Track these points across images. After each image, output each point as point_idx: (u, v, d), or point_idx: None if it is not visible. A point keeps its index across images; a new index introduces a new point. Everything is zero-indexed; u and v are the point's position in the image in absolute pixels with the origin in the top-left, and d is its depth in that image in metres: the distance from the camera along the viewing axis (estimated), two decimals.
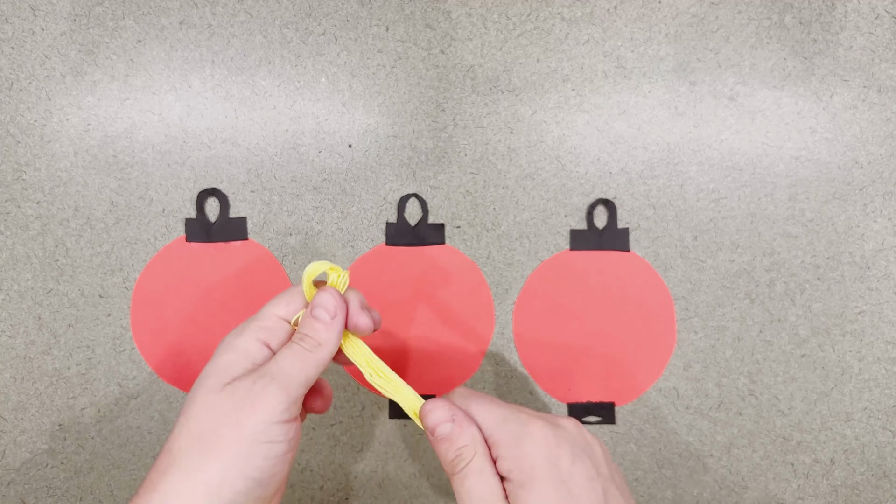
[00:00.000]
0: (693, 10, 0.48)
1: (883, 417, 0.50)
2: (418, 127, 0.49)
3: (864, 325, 0.49)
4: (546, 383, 0.49)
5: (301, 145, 0.48)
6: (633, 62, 0.49)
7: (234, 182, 0.48)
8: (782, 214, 0.49)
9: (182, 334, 0.48)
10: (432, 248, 0.49)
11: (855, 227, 0.49)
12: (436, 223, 0.49)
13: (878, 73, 0.49)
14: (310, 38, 0.48)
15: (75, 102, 0.47)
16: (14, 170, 0.48)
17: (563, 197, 0.49)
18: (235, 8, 0.47)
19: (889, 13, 0.48)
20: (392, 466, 0.50)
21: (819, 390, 0.50)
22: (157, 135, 0.48)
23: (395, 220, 0.49)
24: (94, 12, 0.47)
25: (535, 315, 0.49)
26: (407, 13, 0.48)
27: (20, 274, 0.48)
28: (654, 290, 0.49)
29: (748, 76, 0.49)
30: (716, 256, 0.49)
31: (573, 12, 0.48)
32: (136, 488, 0.34)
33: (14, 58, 0.47)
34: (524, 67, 0.48)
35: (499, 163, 0.49)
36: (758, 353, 0.50)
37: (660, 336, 0.50)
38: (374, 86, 0.48)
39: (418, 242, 0.49)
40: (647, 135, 0.49)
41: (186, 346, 0.48)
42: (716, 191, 0.49)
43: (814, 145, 0.49)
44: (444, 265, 0.49)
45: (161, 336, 0.48)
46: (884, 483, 0.50)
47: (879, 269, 0.49)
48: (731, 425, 0.50)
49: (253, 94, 0.48)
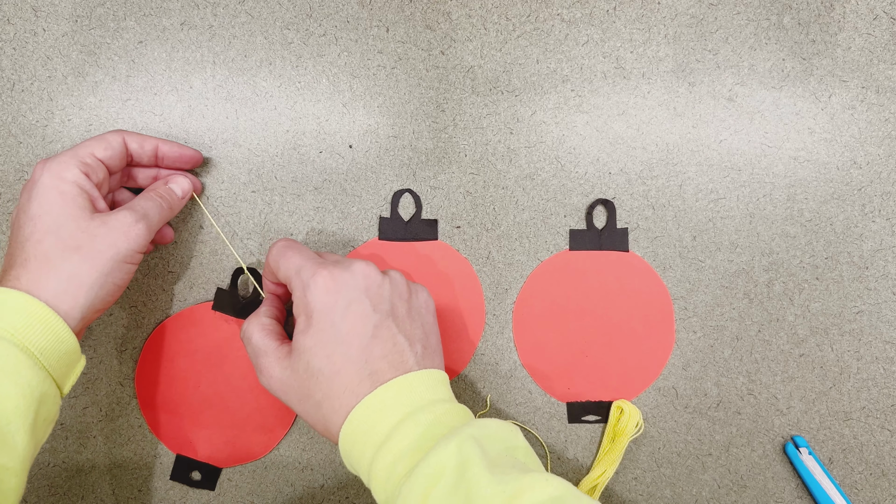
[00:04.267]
0: (692, 11, 0.49)
1: (881, 417, 0.50)
2: (418, 127, 0.49)
3: (863, 324, 0.50)
4: (545, 382, 0.50)
5: (302, 146, 0.49)
6: (633, 63, 0.49)
7: (235, 182, 0.48)
8: (781, 214, 0.49)
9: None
10: (425, 243, 0.49)
11: (853, 227, 0.49)
12: (429, 219, 0.49)
13: (877, 74, 0.49)
14: (310, 40, 0.48)
15: (77, 103, 0.48)
16: (16, 170, 0.48)
17: (563, 197, 0.49)
18: (236, 9, 0.48)
19: (887, 14, 0.49)
20: None
21: (817, 390, 0.50)
22: (159, 135, 0.48)
23: (388, 215, 0.49)
24: (95, 13, 0.47)
25: (534, 315, 0.50)
26: (407, 14, 0.48)
27: None
28: (652, 290, 0.50)
29: (747, 77, 0.49)
30: (714, 256, 0.50)
31: (573, 13, 0.48)
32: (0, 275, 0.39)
33: (16, 59, 0.47)
34: (524, 68, 0.49)
35: (498, 163, 0.49)
36: (756, 353, 0.50)
37: (659, 335, 0.50)
38: (374, 86, 0.49)
39: (411, 238, 0.49)
40: (647, 135, 0.49)
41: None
42: (714, 191, 0.49)
43: (812, 146, 0.49)
44: (436, 261, 0.49)
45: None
46: (882, 482, 0.50)
47: (878, 269, 0.49)
48: (729, 424, 0.50)
49: (254, 95, 0.48)
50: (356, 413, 0.37)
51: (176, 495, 0.49)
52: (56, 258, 0.38)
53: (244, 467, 0.49)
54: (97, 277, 0.39)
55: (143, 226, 0.41)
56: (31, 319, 0.36)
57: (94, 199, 0.41)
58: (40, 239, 0.38)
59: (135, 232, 0.40)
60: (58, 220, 0.39)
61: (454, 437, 0.35)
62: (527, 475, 0.33)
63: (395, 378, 0.37)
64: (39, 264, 0.38)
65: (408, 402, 0.37)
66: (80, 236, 0.39)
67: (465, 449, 0.34)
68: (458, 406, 0.39)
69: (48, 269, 0.38)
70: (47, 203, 0.39)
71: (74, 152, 0.41)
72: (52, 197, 0.39)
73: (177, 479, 0.49)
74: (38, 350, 0.36)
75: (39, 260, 0.38)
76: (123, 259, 0.40)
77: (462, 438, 0.35)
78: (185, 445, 0.49)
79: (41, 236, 0.38)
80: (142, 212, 0.41)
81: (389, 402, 0.37)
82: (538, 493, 0.33)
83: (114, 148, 0.42)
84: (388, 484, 0.36)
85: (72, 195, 0.39)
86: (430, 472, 0.34)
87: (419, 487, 0.34)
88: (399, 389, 0.37)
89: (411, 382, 0.38)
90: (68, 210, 0.39)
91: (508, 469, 0.34)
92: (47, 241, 0.38)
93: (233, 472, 0.49)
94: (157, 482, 0.49)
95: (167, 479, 0.49)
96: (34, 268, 0.38)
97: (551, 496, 0.33)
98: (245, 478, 0.49)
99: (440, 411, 0.37)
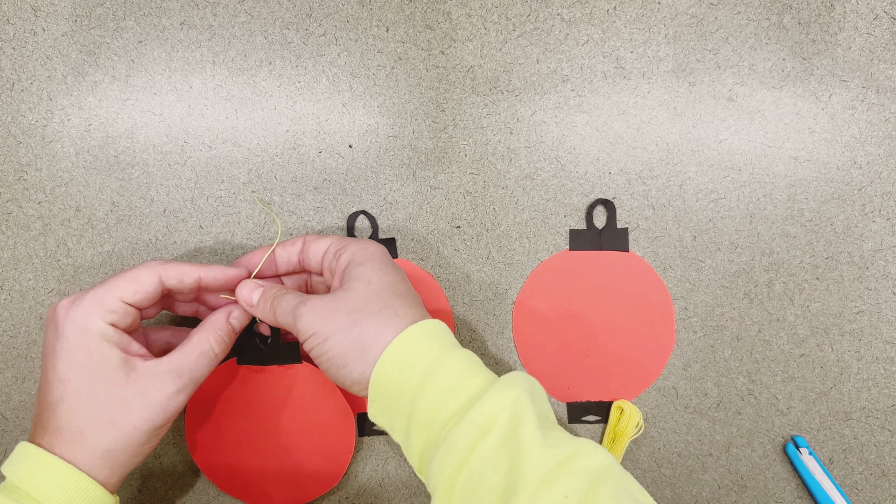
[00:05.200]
0: (692, 10, 0.49)
1: (881, 417, 0.50)
2: (418, 127, 0.49)
3: (863, 324, 0.50)
4: (545, 382, 0.50)
5: (301, 146, 0.48)
6: (633, 63, 0.49)
7: (235, 182, 0.48)
8: (781, 214, 0.49)
9: None
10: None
11: (853, 227, 0.49)
12: (388, 237, 0.49)
13: (877, 74, 0.49)
14: (310, 39, 0.48)
15: (76, 103, 0.48)
16: (16, 170, 0.48)
17: (563, 197, 0.49)
18: (236, 9, 0.48)
19: (887, 14, 0.49)
20: (392, 466, 0.50)
21: (818, 390, 0.50)
22: (158, 135, 0.48)
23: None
24: (95, 13, 0.47)
25: (534, 315, 0.50)
26: (407, 14, 0.48)
27: (21, 274, 0.48)
28: (653, 290, 0.50)
29: (747, 77, 0.49)
30: (715, 256, 0.50)
31: (573, 13, 0.48)
32: (33, 430, 0.38)
33: (15, 58, 0.47)
34: (524, 68, 0.49)
35: (499, 163, 0.49)
36: (757, 353, 0.50)
37: (659, 336, 0.50)
38: (374, 86, 0.48)
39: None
40: (647, 135, 0.49)
41: None
42: (715, 191, 0.49)
43: (812, 146, 0.49)
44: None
45: None
46: (882, 482, 0.50)
47: (878, 269, 0.49)
48: (729, 425, 0.50)
49: (253, 95, 0.48)
50: (391, 351, 0.36)
51: None
52: (90, 434, 0.36)
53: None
54: (134, 449, 0.37)
55: (183, 397, 0.38)
56: (74, 495, 0.35)
57: (126, 345, 0.38)
58: (71, 409, 0.36)
59: (174, 404, 0.37)
60: (89, 384, 0.36)
61: (511, 388, 0.34)
62: (576, 440, 0.33)
63: (424, 320, 0.38)
64: (73, 437, 0.36)
65: (440, 341, 0.37)
66: (115, 408, 0.36)
67: (520, 403, 0.34)
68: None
69: (83, 444, 0.36)
70: (76, 365, 0.36)
71: (100, 298, 0.37)
72: (80, 357, 0.36)
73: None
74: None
75: (73, 433, 0.36)
76: (161, 428, 0.38)
77: (519, 391, 0.34)
78: (258, 498, 0.48)
79: (72, 406, 0.36)
80: (189, 375, 0.38)
81: (423, 340, 0.37)
82: (588, 461, 0.32)
83: (145, 290, 0.38)
84: (433, 426, 0.35)
85: (100, 355, 0.36)
86: (481, 423, 0.33)
87: (468, 437, 0.33)
88: (430, 329, 0.37)
89: (438, 325, 0.38)
90: (99, 374, 0.36)
91: (553, 429, 0.34)
92: (80, 414, 0.36)
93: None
94: None
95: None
96: (68, 440, 0.36)
97: (601, 465, 0.33)
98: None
99: (469, 351, 0.38)
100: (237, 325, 0.42)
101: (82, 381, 0.36)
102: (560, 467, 0.32)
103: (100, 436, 0.36)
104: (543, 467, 0.32)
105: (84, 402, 0.36)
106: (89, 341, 0.36)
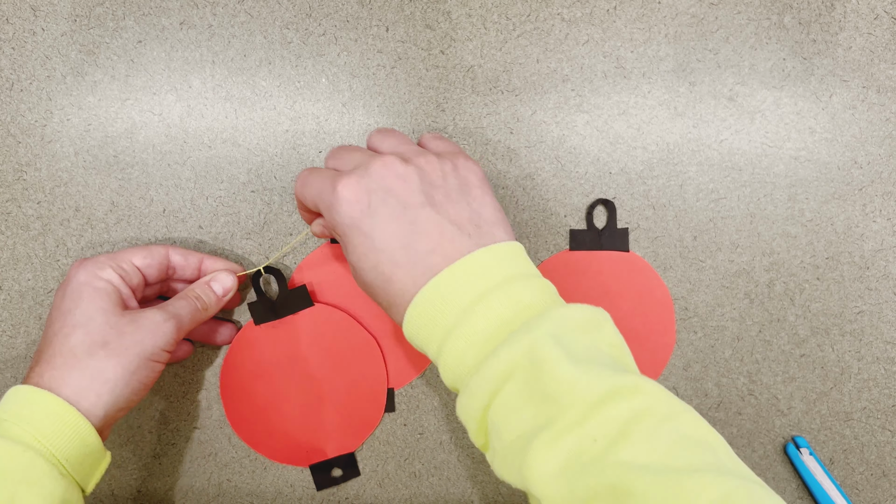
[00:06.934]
0: (692, 10, 0.48)
1: (882, 417, 0.50)
2: (418, 127, 0.49)
3: (864, 324, 0.50)
4: None
5: (301, 146, 0.48)
6: (633, 62, 0.49)
7: (235, 182, 0.48)
8: (781, 214, 0.49)
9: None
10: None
11: (854, 228, 0.49)
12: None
13: (878, 74, 0.49)
14: (310, 39, 0.48)
15: (76, 103, 0.48)
16: (15, 170, 0.48)
17: (563, 197, 0.49)
18: (236, 9, 0.47)
19: (888, 13, 0.48)
20: (392, 466, 0.50)
21: (818, 390, 0.50)
22: (158, 135, 0.48)
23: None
24: (94, 13, 0.47)
25: None
26: (407, 14, 0.48)
27: (21, 274, 0.48)
28: (653, 290, 0.49)
29: (747, 76, 0.49)
30: (715, 256, 0.49)
31: (573, 13, 0.48)
32: (27, 372, 0.39)
33: (15, 58, 0.47)
34: (524, 68, 0.49)
35: (499, 163, 0.49)
36: (757, 353, 0.50)
37: (659, 336, 0.50)
38: (374, 86, 0.48)
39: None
40: (647, 135, 0.49)
41: None
42: (715, 191, 0.49)
43: (813, 145, 0.49)
44: None
45: None
46: (883, 483, 0.50)
47: (878, 269, 0.49)
48: (730, 425, 0.50)
49: (253, 95, 0.48)
50: (414, 307, 0.35)
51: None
52: (82, 354, 0.38)
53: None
54: (122, 374, 0.39)
55: (172, 325, 0.40)
56: (56, 424, 0.36)
57: (126, 297, 0.41)
58: (68, 333, 0.39)
59: (163, 330, 0.40)
60: (87, 313, 0.39)
61: (526, 334, 0.32)
62: (616, 377, 0.30)
63: (448, 266, 0.34)
64: (65, 360, 0.38)
65: (469, 288, 0.34)
66: (108, 332, 0.39)
67: (538, 348, 0.31)
68: (535, 281, 0.35)
69: (73, 365, 0.38)
70: (79, 298, 0.40)
71: (113, 256, 0.42)
72: (85, 292, 0.40)
73: (323, 486, 0.49)
74: (63, 457, 0.36)
75: (65, 356, 0.38)
76: (150, 357, 0.40)
77: (535, 337, 0.32)
78: (311, 454, 0.49)
79: (69, 330, 0.39)
80: (173, 311, 0.41)
81: (446, 292, 0.34)
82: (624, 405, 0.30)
83: (154, 258, 0.43)
84: (458, 370, 0.34)
85: (105, 291, 0.40)
86: (499, 370, 0.32)
87: (487, 384, 0.32)
88: (452, 278, 0.34)
89: (468, 266, 0.34)
90: (98, 304, 0.39)
91: (596, 366, 0.31)
92: (75, 336, 0.38)
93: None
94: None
95: (315, 492, 0.50)
96: (59, 364, 0.38)
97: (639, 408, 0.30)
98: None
99: (515, 290, 0.34)
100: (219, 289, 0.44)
101: (82, 310, 0.39)
102: (593, 409, 0.30)
103: (91, 354, 0.38)
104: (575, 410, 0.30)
105: (81, 328, 0.39)
106: (97, 282, 0.40)
